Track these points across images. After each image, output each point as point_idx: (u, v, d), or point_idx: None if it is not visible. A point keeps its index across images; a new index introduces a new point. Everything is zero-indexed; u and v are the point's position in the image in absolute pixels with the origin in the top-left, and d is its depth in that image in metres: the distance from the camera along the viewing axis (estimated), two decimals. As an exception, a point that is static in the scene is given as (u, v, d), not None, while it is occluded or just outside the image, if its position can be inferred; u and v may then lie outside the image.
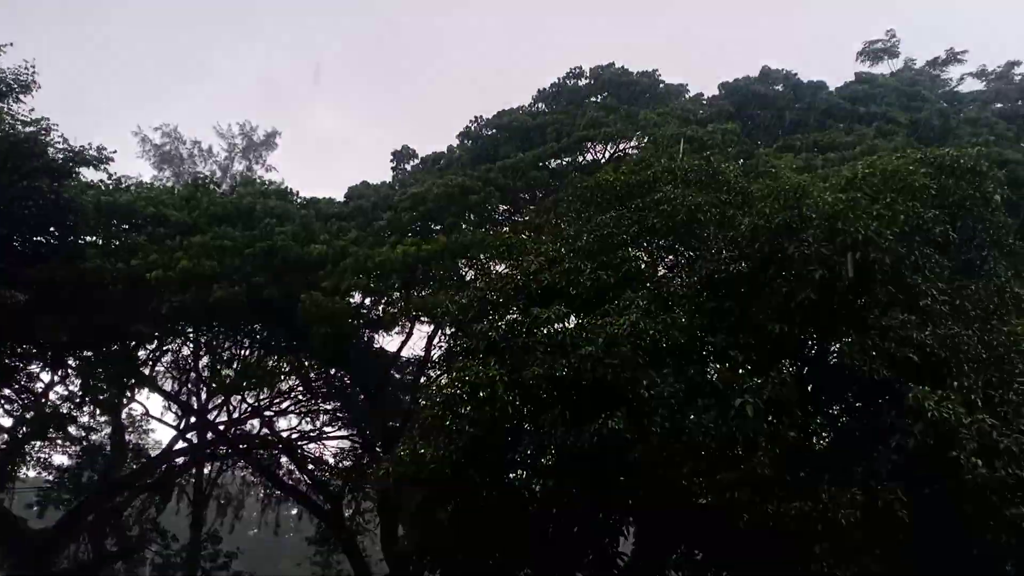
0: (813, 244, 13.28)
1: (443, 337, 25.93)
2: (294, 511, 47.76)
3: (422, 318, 25.95)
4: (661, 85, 36.08)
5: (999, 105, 37.77)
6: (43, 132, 23.57)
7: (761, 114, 35.37)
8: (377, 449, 29.81)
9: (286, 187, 30.64)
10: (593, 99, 34.73)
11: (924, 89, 36.91)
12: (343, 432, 35.80)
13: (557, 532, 14.48)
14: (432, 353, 27.69)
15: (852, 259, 13.12)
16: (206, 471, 39.37)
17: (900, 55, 40.63)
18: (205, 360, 33.31)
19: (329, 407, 34.95)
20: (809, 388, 14.48)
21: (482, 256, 23.31)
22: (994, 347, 13.28)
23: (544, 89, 36.04)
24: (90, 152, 24.73)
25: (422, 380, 28.57)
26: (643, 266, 17.46)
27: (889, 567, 11.90)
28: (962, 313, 13.60)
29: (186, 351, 32.69)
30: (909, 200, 14.10)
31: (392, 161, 36.63)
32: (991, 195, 14.75)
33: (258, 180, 34.42)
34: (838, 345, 13.69)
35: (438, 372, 26.22)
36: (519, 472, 14.71)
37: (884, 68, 40.48)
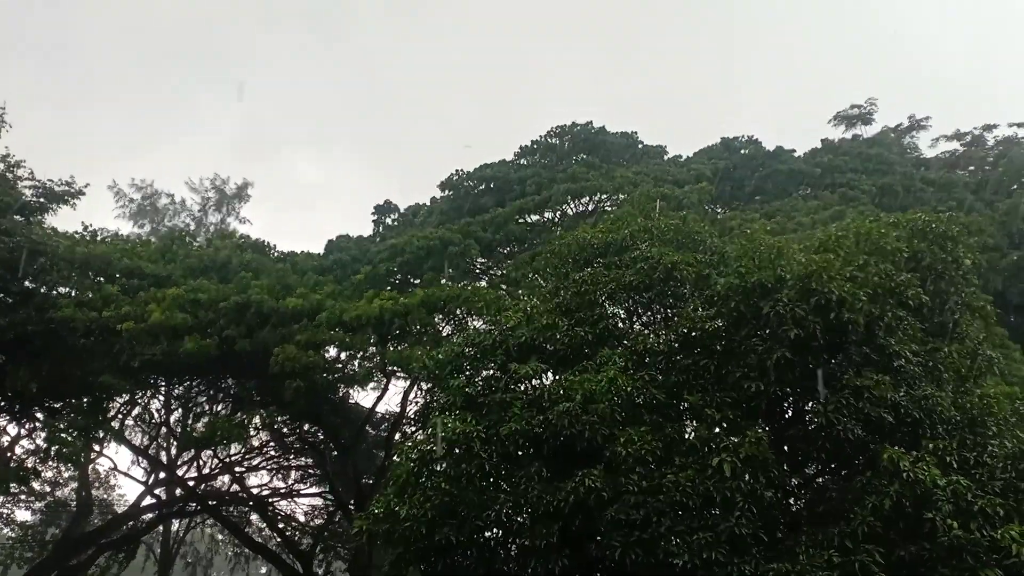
0: (788, 304, 13.41)
1: (419, 392, 25.84)
2: (263, 570, 46.73)
3: (398, 373, 25.81)
4: (639, 145, 36.87)
5: (971, 168, 38.82)
6: (11, 168, 23.40)
7: (727, 180, 36.25)
8: (350, 507, 29.36)
9: (263, 240, 30.72)
10: (572, 157, 35.35)
11: (890, 154, 37.96)
12: (315, 489, 35.29)
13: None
14: (408, 408, 27.49)
15: (826, 319, 13.26)
16: (174, 528, 38.58)
17: (874, 122, 41.85)
18: (176, 414, 32.84)
19: (301, 463, 34.51)
20: (786, 447, 14.47)
21: (460, 311, 23.35)
22: (968, 409, 13.41)
23: (525, 146, 36.72)
24: (61, 187, 24.60)
25: (397, 436, 28.29)
26: (620, 323, 17.57)
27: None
28: (936, 375, 13.75)
29: (156, 404, 32.21)
30: (882, 262, 14.34)
31: (374, 215, 36.91)
32: (962, 259, 15.04)
33: (236, 234, 34.42)
34: (813, 404, 13.77)
35: (414, 428, 26.01)
36: (494, 530, 14.50)
37: (858, 133, 41.59)
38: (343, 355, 25.62)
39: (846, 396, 12.91)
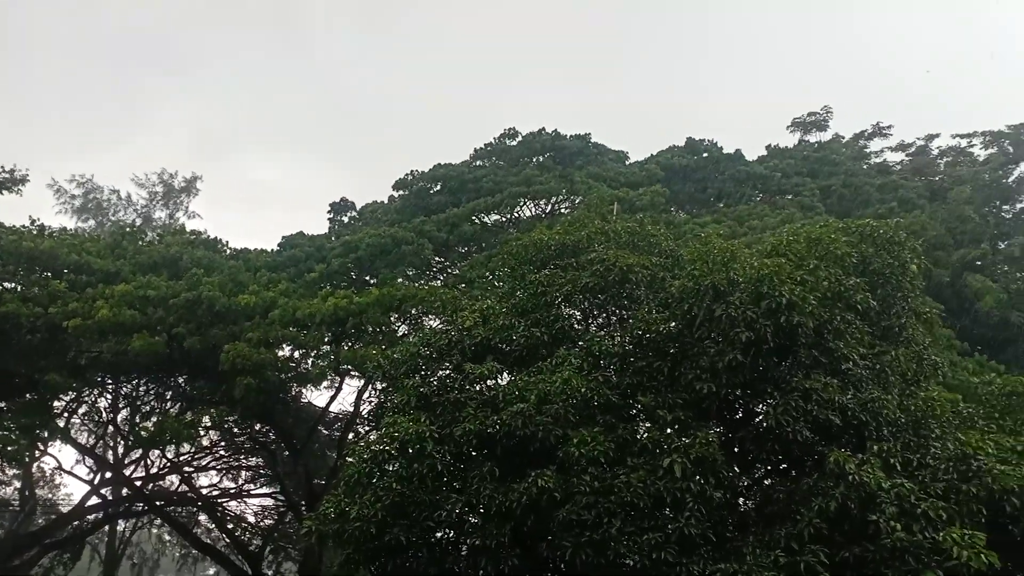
0: (740, 307, 13.58)
1: (373, 392, 25.64)
2: (211, 571, 46.06)
3: (352, 372, 25.59)
4: (594, 148, 37.04)
5: (919, 180, 39.79)
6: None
7: (687, 182, 36.71)
8: (301, 507, 29.02)
9: (215, 237, 30.23)
10: (528, 159, 35.44)
11: (839, 158, 38.72)
12: (266, 489, 34.84)
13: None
14: (361, 408, 27.27)
15: (777, 322, 13.44)
16: (120, 528, 37.81)
17: (829, 128, 42.64)
18: (123, 413, 32.17)
19: (252, 463, 34.06)
20: (736, 449, 14.64)
21: (415, 310, 23.25)
22: (912, 412, 13.70)
23: (480, 147, 36.68)
24: (2, 175, 23.94)
25: (350, 436, 28.05)
26: (576, 324, 17.65)
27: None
28: (882, 378, 14.03)
29: (103, 403, 31.53)
30: (831, 267, 14.59)
31: (329, 212, 36.60)
32: (908, 264, 15.39)
33: (186, 230, 33.85)
34: (763, 406, 13.96)
35: (367, 428, 25.81)
36: (446, 530, 14.46)
37: (813, 139, 42.34)
38: (296, 353, 25.34)
39: (795, 398, 13.10)
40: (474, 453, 14.54)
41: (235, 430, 31.33)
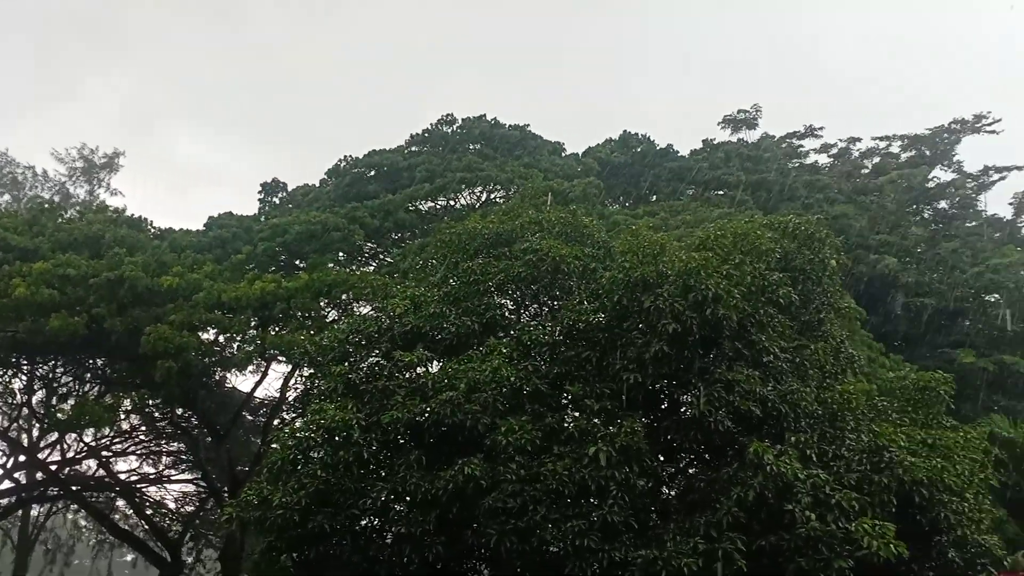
0: (667, 299, 13.80)
1: (300, 378, 25.30)
2: (129, 557, 45.01)
3: (279, 358, 25.18)
4: (531, 139, 37.07)
5: (845, 179, 40.92)
6: None
7: (621, 176, 37.11)
8: (223, 494, 28.49)
9: (139, 216, 29.33)
10: (465, 147, 35.30)
11: (768, 154, 39.62)
12: (187, 476, 34.10)
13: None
14: (287, 394, 26.88)
15: (702, 315, 13.71)
16: (33, 514, 36.60)
17: (758, 127, 43.43)
18: (39, 394, 31.04)
19: (173, 449, 33.29)
20: (661, 438, 14.89)
21: (345, 296, 22.98)
22: (829, 404, 14.16)
23: (416, 134, 36.35)
24: None
25: (275, 422, 27.63)
26: (507, 314, 17.70)
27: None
28: (801, 371, 14.45)
29: (18, 384, 30.38)
30: (756, 262, 14.93)
31: (260, 193, 35.84)
32: (828, 260, 15.84)
33: (108, 207, 32.78)
34: (688, 397, 14.24)
35: (292, 414, 25.46)
36: (371, 519, 14.38)
37: (743, 137, 43.09)
38: (221, 337, 24.77)
39: (718, 389, 13.40)
40: (401, 441, 14.48)
41: (156, 414, 30.53)
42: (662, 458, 14.82)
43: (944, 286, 32.21)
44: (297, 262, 26.23)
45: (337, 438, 13.99)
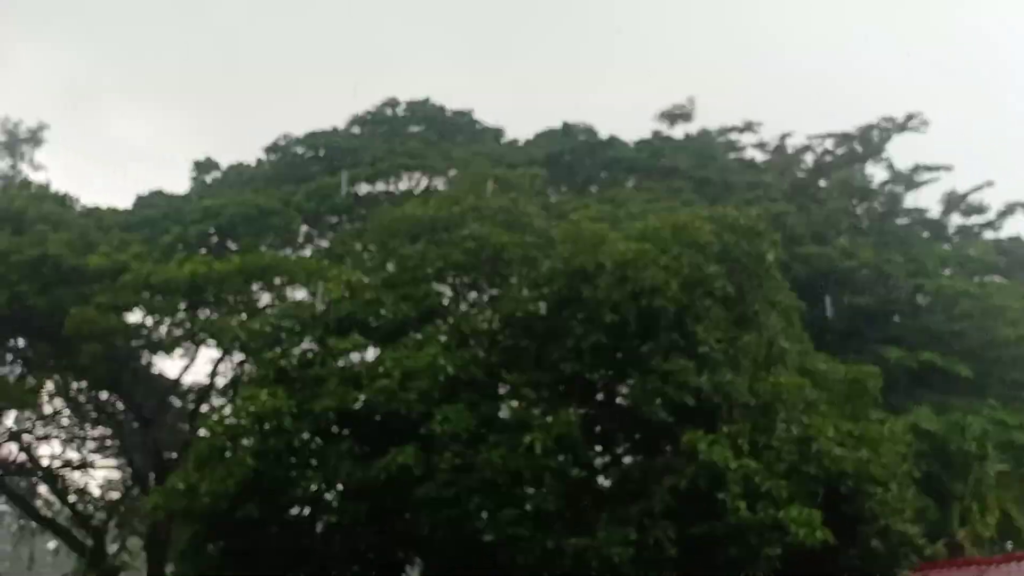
0: (606, 289, 13.79)
1: (230, 364, 24.72)
2: (51, 544, 43.60)
3: (208, 342, 24.52)
4: (476, 125, 36.77)
5: (780, 175, 41.57)
6: None
7: (564, 166, 37.08)
8: (149, 481, 27.73)
9: (64, 192, 28.22)
10: (408, 130, 34.85)
11: (712, 151, 40.06)
12: (112, 462, 33.09)
13: (339, 569, 13.99)
14: (217, 380, 26.23)
15: (640, 306, 13.73)
16: (-51, 500, 35.13)
17: (694, 119, 43.76)
18: (-45, 376, 29.74)
19: (98, 434, 32.26)
20: (597, 428, 14.93)
21: (279, 281, 22.47)
22: (761, 395, 14.35)
23: (359, 115, 35.69)
24: None
25: (204, 409, 26.95)
26: (446, 301, 17.51)
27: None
28: (736, 363, 14.57)
29: (-68, 364, 29.04)
30: (694, 254, 15.00)
31: (193, 171, 34.74)
32: (766, 254, 15.99)
33: (31, 183, 31.49)
34: (624, 387, 14.27)
35: (222, 401, 24.86)
36: (302, 508, 14.12)
37: (680, 130, 43.43)
38: (148, 320, 23.99)
39: (654, 380, 13.44)
40: (334, 430, 14.23)
41: (80, 398, 29.57)
42: (598, 447, 14.88)
43: (878, 285, 33.01)
44: (230, 244, 25.53)
45: (268, 426, 13.66)
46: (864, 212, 40.81)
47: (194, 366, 27.42)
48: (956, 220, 43.17)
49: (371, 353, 15.92)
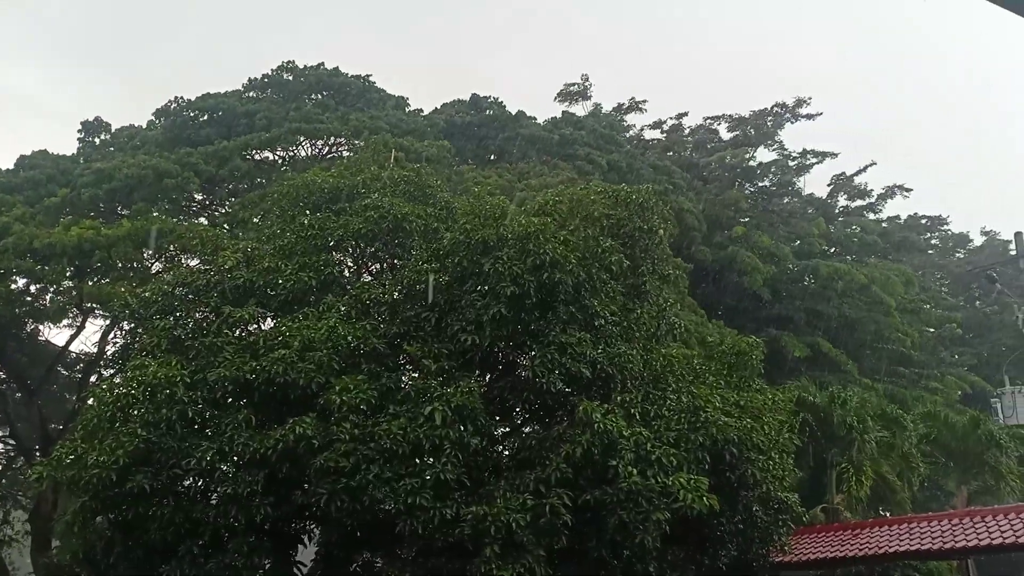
0: (507, 262, 13.97)
1: (120, 332, 23.91)
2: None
3: (97, 310, 23.62)
4: (375, 91, 36.24)
5: (670, 153, 42.70)
6: None
7: (471, 138, 37.06)
8: (34, 452, 26.64)
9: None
10: (306, 96, 34.08)
11: (617, 134, 40.79)
12: (-6, 433, 31.59)
13: (234, 541, 13.82)
14: (106, 349, 25.30)
15: (540, 278, 13.97)
16: None
17: (591, 98, 44.39)
18: None
19: (-23, 404, 30.66)
20: (497, 398, 15.16)
21: (172, 247, 21.78)
22: (653, 366, 14.88)
23: (255, 78, 34.72)
24: None
25: (92, 379, 26.00)
26: (346, 271, 17.38)
27: (550, 567, 12.80)
28: (629, 334, 15.05)
29: None
30: (590, 228, 15.34)
31: (80, 132, 33.12)
32: (657, 228, 16.50)
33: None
34: (523, 358, 14.53)
35: (112, 371, 24.03)
36: (195, 479, 13.86)
37: (578, 109, 43.99)
38: (33, 287, 22.95)
39: (551, 351, 13.75)
40: (230, 400, 14.02)
41: (-42, 367, 28.07)
42: (497, 418, 15.12)
43: (768, 266, 34.40)
44: (120, 209, 24.56)
45: (160, 396, 13.34)
46: (756, 193, 42.42)
47: (82, 335, 26.44)
48: (842, 202, 45.53)
49: (269, 322, 15.70)
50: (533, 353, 14.08)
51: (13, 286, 22.26)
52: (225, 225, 23.53)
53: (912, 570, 17.93)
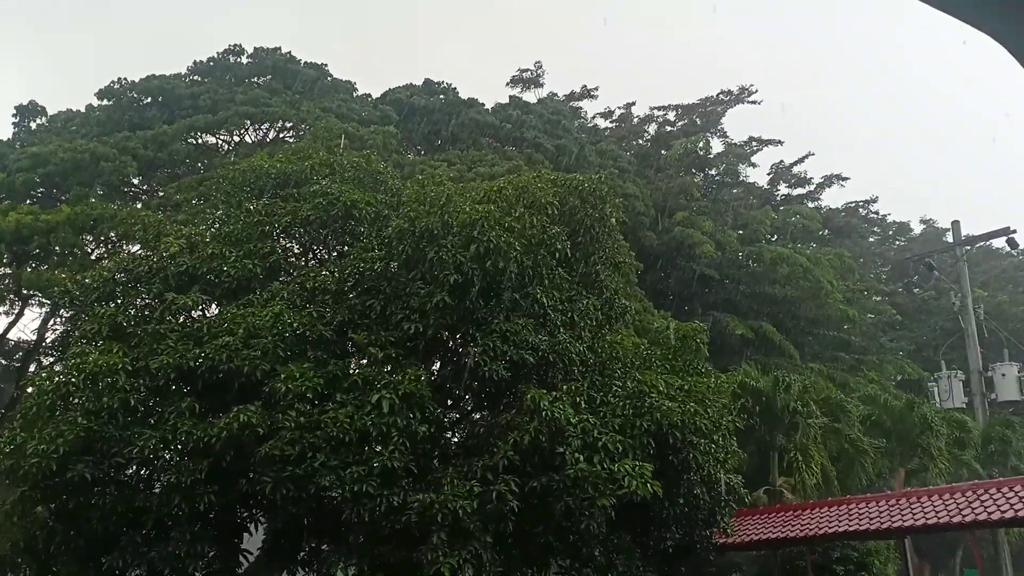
0: (451, 250, 13.95)
1: (60, 320, 23.36)
2: None
3: (36, 297, 23.03)
4: (328, 79, 35.79)
5: (623, 143, 42.96)
6: None
7: (422, 123, 36.77)
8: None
9: None
10: (254, 79, 33.50)
11: (565, 120, 40.85)
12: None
13: (178, 530, 13.68)
14: (46, 337, 24.70)
15: (484, 266, 13.98)
16: None
17: (544, 85, 44.35)
18: None
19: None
20: (445, 386, 15.18)
21: (113, 233, 21.32)
22: (599, 354, 15.03)
23: (201, 61, 33.99)
24: None
25: (31, 368, 25.36)
26: (293, 258, 17.20)
27: (497, 553, 12.92)
28: (575, 322, 15.15)
29: None
30: (537, 215, 15.38)
31: (14, 116, 32.10)
32: (608, 217, 16.60)
33: None
34: (467, 346, 14.57)
35: (51, 359, 23.49)
36: (138, 468, 13.67)
37: (531, 96, 43.95)
38: (-33, 274, 22.30)
39: (495, 340, 13.79)
40: (173, 388, 13.83)
41: None
42: (449, 402, 15.16)
43: (715, 252, 34.89)
44: (57, 194, 23.92)
45: (101, 384, 13.12)
46: (702, 181, 42.97)
47: (20, 322, 25.73)
48: (783, 190, 46.42)
49: (213, 309, 15.49)
50: (477, 341, 14.11)
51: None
52: (165, 209, 23.05)
53: (851, 550, 18.46)
